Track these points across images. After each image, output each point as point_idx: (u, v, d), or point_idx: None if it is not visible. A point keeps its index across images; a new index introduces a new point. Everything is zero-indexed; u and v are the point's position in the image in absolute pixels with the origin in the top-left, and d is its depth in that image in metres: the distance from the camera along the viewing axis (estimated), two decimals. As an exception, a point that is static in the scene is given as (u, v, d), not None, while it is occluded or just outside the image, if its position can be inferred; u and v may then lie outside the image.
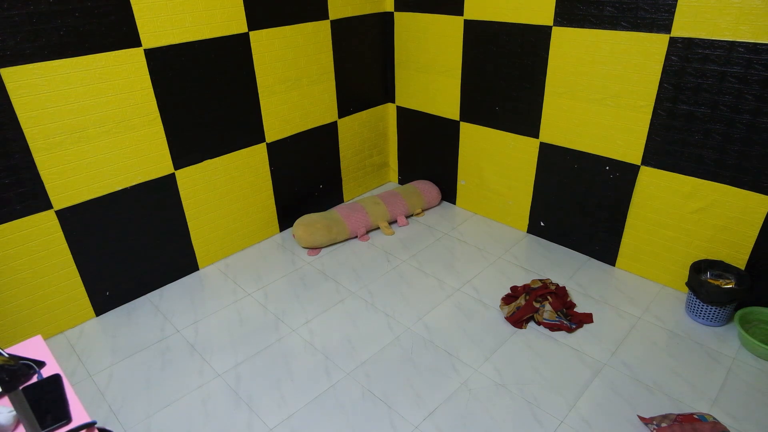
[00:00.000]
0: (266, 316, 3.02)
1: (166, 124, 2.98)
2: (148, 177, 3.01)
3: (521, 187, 3.65)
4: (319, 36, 3.58)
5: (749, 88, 2.49)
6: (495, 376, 2.55)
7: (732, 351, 2.65)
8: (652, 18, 2.66)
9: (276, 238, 3.86)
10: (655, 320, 2.88)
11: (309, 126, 3.77)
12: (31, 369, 1.54)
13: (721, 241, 2.83)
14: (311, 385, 2.53)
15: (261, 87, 3.37)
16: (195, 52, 2.97)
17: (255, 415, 2.38)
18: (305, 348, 2.78)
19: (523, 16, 3.17)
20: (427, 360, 2.67)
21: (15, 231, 2.59)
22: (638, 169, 3.00)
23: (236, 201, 3.52)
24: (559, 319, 2.84)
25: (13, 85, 2.40)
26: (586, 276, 3.28)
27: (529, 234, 3.77)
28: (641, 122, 2.89)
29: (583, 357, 2.65)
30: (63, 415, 1.41)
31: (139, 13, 2.68)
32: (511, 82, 3.41)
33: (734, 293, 2.69)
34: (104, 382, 2.60)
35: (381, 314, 3.01)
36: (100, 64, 2.63)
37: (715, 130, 2.66)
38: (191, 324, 2.98)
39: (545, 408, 2.36)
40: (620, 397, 2.41)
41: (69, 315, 2.93)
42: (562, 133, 3.27)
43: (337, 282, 3.32)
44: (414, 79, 4.01)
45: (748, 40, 2.42)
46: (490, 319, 2.95)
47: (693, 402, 2.36)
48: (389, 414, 2.36)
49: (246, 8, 3.10)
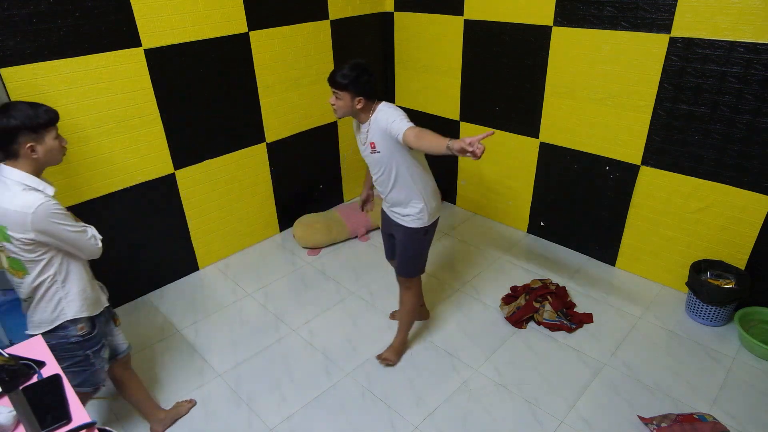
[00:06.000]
0: (266, 316, 3.02)
1: (166, 124, 2.98)
2: (148, 177, 3.01)
3: (521, 187, 3.65)
4: (319, 36, 3.58)
5: (749, 88, 2.48)
6: (495, 376, 2.55)
7: (732, 351, 2.65)
8: (652, 18, 2.66)
9: (276, 238, 3.86)
10: (655, 320, 2.88)
11: (309, 126, 3.77)
12: (31, 369, 1.54)
13: (721, 241, 2.83)
14: (311, 385, 2.53)
15: (261, 87, 3.37)
16: (195, 52, 2.97)
17: (255, 415, 2.38)
18: (305, 348, 2.78)
19: (523, 16, 3.17)
20: (427, 360, 2.67)
21: (15, 231, 2.59)
22: (638, 169, 3.00)
23: (236, 201, 3.52)
24: (559, 319, 2.84)
25: (13, 85, 2.40)
26: (586, 276, 3.28)
27: (529, 234, 3.77)
28: (641, 122, 2.89)
29: (583, 357, 2.65)
30: (63, 415, 1.41)
31: (139, 13, 2.68)
32: (511, 82, 3.41)
33: (734, 293, 2.69)
34: (104, 382, 2.60)
35: (381, 314, 3.01)
36: (100, 64, 2.63)
37: (715, 130, 2.66)
38: (191, 324, 2.98)
39: (545, 408, 2.36)
40: (620, 397, 2.41)
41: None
42: (562, 133, 3.27)
43: (337, 282, 3.32)
44: (414, 79, 4.01)
45: (748, 40, 2.42)
46: (490, 319, 2.95)
47: (693, 402, 2.36)
48: (389, 414, 2.36)
49: (246, 8, 3.10)
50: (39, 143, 1.60)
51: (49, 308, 1.73)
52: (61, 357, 1.77)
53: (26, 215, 1.56)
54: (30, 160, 1.61)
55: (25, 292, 1.72)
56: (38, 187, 1.62)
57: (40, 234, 1.59)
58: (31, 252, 1.63)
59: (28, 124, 1.56)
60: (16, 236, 1.58)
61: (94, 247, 1.71)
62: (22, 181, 1.60)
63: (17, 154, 1.59)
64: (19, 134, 1.56)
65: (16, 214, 1.56)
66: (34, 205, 1.56)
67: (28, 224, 1.57)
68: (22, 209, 1.56)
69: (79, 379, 1.86)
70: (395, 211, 2.40)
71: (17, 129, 1.55)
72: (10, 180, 1.59)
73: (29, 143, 1.58)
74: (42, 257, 1.66)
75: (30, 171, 1.63)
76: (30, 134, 1.57)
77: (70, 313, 1.76)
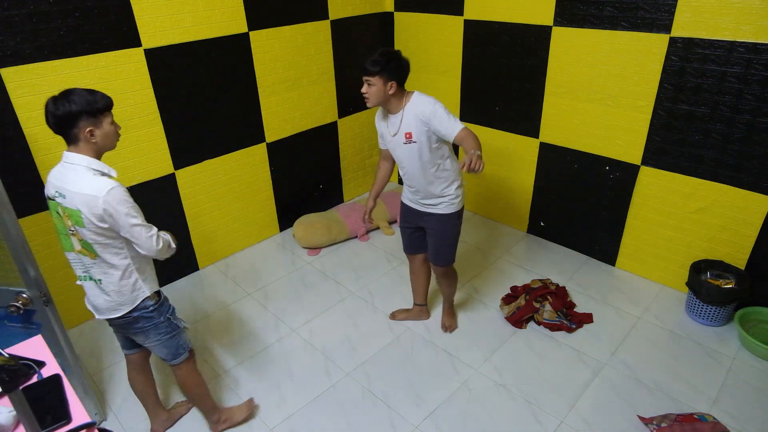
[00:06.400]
0: (266, 316, 3.02)
1: (166, 124, 2.98)
2: (148, 177, 3.01)
3: (521, 187, 3.65)
4: (319, 36, 3.58)
5: (749, 88, 2.48)
6: (495, 376, 2.55)
7: (732, 351, 2.65)
8: (652, 18, 2.66)
9: (276, 238, 3.86)
10: (655, 320, 2.88)
11: (309, 126, 3.77)
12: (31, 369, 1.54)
13: (721, 241, 2.83)
14: (311, 385, 2.53)
15: (261, 87, 3.37)
16: (195, 52, 2.97)
17: (255, 415, 2.38)
18: (305, 348, 2.78)
19: (523, 16, 3.17)
20: (427, 360, 2.67)
21: (15, 231, 2.59)
22: (638, 169, 3.00)
23: (236, 201, 3.52)
24: (559, 319, 2.84)
25: (13, 85, 2.40)
26: (586, 276, 3.28)
27: (529, 234, 3.77)
28: (641, 122, 2.89)
29: (583, 357, 2.65)
30: (63, 415, 1.41)
31: (139, 13, 2.68)
32: (511, 82, 3.41)
33: (734, 293, 2.69)
34: (104, 382, 2.60)
35: (381, 314, 3.01)
36: (100, 64, 2.63)
37: (715, 130, 2.66)
38: (191, 324, 2.98)
39: (545, 408, 2.36)
40: (620, 397, 2.41)
41: (69, 315, 2.93)
42: (562, 133, 3.27)
43: (337, 282, 3.32)
44: (414, 79, 4.00)
45: (748, 40, 2.42)
46: (490, 319, 2.95)
47: (693, 402, 2.36)
48: (389, 414, 2.36)
49: (246, 8, 3.10)
50: (97, 127, 1.66)
51: (127, 289, 1.80)
52: (148, 330, 1.89)
53: (97, 198, 1.61)
54: (89, 145, 1.66)
55: (98, 273, 1.77)
56: (104, 170, 1.69)
57: (107, 217, 1.64)
58: (103, 235, 1.68)
59: (88, 109, 1.62)
60: (89, 220, 1.64)
61: (151, 245, 1.73)
62: (89, 165, 1.66)
63: (77, 139, 1.65)
64: (79, 119, 1.62)
65: (87, 198, 1.62)
66: (105, 189, 1.62)
67: (98, 207, 1.62)
68: (93, 192, 1.61)
69: (174, 345, 1.98)
70: (427, 203, 2.42)
71: (78, 114, 1.61)
72: (78, 165, 1.65)
73: (88, 128, 1.64)
74: (116, 241, 1.72)
75: (92, 156, 1.68)
76: (89, 119, 1.63)
77: (147, 290, 1.85)
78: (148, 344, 1.95)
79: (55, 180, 1.68)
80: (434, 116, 2.14)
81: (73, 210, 1.64)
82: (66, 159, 1.67)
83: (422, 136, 2.20)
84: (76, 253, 1.76)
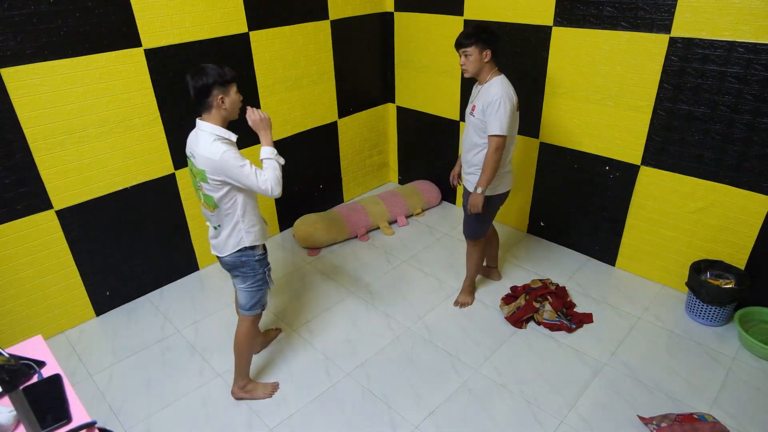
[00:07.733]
0: (266, 316, 3.02)
1: (166, 124, 2.98)
2: (148, 177, 3.01)
3: (521, 187, 3.65)
4: (319, 36, 3.58)
5: (749, 88, 2.48)
6: (495, 376, 2.55)
7: (732, 351, 2.65)
8: (652, 18, 2.66)
9: (276, 238, 3.86)
10: (655, 320, 2.88)
11: (309, 126, 3.77)
12: (32, 369, 1.54)
13: (721, 241, 2.83)
14: (311, 385, 2.53)
15: (261, 87, 3.37)
16: (195, 52, 2.97)
17: (255, 415, 2.38)
18: (305, 348, 2.78)
19: (523, 16, 3.17)
20: (427, 360, 2.67)
21: (15, 231, 2.59)
22: (638, 169, 3.00)
23: (236, 201, 3.51)
24: (559, 319, 2.84)
25: (13, 85, 2.40)
26: (586, 276, 3.28)
27: (529, 234, 3.77)
28: (641, 122, 2.89)
29: (583, 357, 2.65)
30: (63, 415, 1.41)
31: (139, 13, 2.68)
32: (511, 81, 3.39)
33: (734, 293, 2.69)
34: (104, 382, 2.60)
35: (381, 314, 3.01)
36: (100, 64, 2.63)
37: (715, 130, 2.66)
38: (191, 324, 2.98)
39: (545, 408, 2.36)
40: (620, 397, 2.41)
41: (69, 315, 2.94)
42: (562, 133, 3.27)
43: (337, 282, 3.32)
44: (414, 79, 4.01)
45: (748, 40, 2.42)
46: (490, 319, 2.95)
47: (693, 402, 2.36)
48: (389, 414, 2.36)
49: (246, 8, 3.10)
50: (226, 95, 1.99)
51: (234, 235, 2.14)
52: (246, 275, 2.22)
53: (213, 161, 1.94)
54: (220, 110, 2.00)
55: (216, 221, 2.14)
56: (225, 135, 2.01)
57: (223, 176, 1.97)
58: (218, 191, 2.02)
59: (219, 80, 1.95)
60: (210, 177, 1.97)
61: (267, 189, 2.01)
62: (213, 132, 1.98)
63: (211, 106, 1.98)
64: (213, 88, 1.94)
65: (208, 160, 1.94)
66: (219, 152, 1.93)
67: (215, 168, 1.95)
68: (211, 155, 1.94)
69: (256, 298, 2.28)
70: (468, 179, 2.67)
71: (213, 84, 1.94)
72: (204, 132, 1.99)
73: (220, 95, 1.97)
74: (228, 195, 2.04)
75: (218, 123, 2.01)
76: (220, 88, 1.96)
77: (248, 240, 2.16)
78: (239, 287, 2.26)
79: (190, 142, 2.05)
80: (490, 105, 2.40)
81: (199, 169, 1.99)
82: (199, 126, 2.02)
83: (481, 115, 2.47)
84: (201, 204, 2.14)
